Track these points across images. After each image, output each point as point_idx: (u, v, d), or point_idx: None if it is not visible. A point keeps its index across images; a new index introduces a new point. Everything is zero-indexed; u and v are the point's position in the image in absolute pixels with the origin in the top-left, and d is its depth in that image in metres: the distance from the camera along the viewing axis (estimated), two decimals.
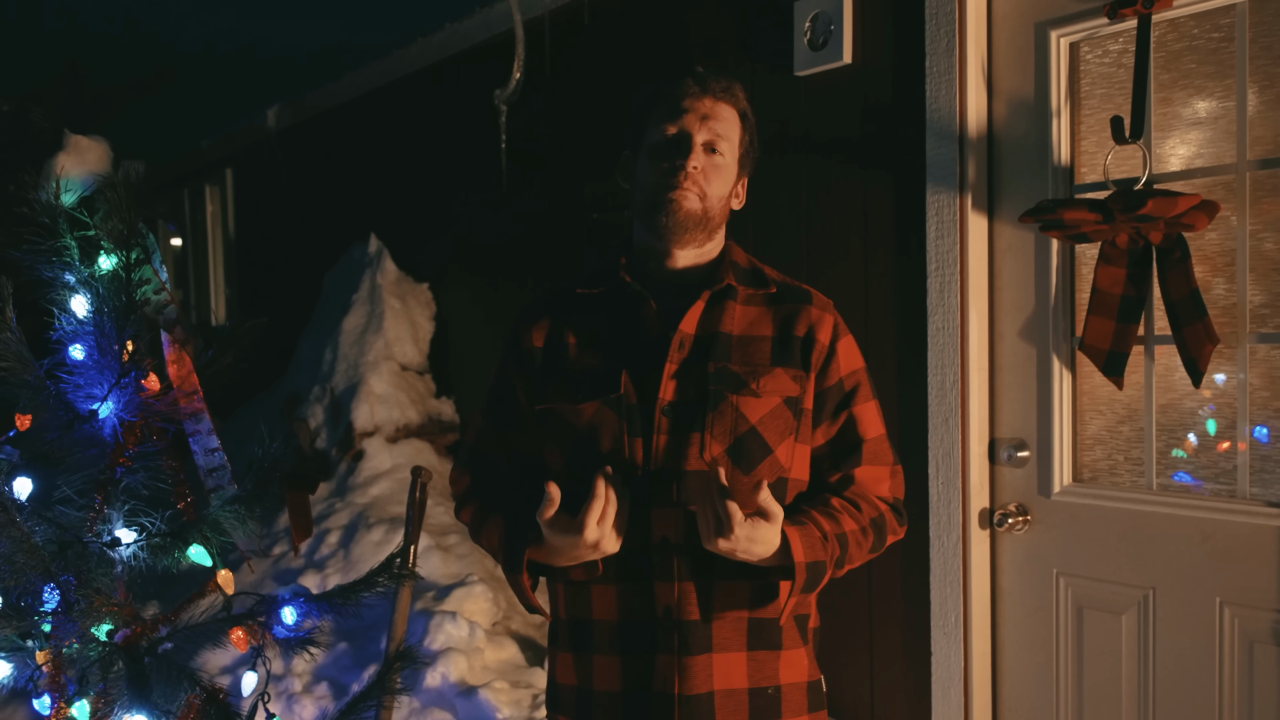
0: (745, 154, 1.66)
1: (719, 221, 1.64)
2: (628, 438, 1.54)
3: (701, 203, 1.59)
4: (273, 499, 2.03)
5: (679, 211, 1.58)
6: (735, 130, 1.63)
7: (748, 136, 1.66)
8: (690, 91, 1.61)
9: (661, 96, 1.63)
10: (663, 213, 1.58)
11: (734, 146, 1.63)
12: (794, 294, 1.66)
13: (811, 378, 1.61)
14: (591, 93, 3.78)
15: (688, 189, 1.58)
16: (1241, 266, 2.13)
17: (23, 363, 1.86)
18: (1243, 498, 2.15)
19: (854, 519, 1.59)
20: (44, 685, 1.92)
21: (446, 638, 3.44)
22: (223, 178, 7.00)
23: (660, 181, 1.59)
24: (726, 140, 1.61)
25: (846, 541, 1.56)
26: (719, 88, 1.62)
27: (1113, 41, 2.33)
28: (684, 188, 1.58)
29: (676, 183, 1.58)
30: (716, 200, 1.61)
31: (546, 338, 1.67)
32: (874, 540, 1.62)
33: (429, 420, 4.70)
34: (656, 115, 1.62)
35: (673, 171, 1.58)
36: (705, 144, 1.60)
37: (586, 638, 1.59)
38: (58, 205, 1.93)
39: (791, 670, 1.59)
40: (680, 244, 1.61)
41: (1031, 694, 2.51)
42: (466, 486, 1.75)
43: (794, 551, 1.47)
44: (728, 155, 1.62)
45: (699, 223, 1.60)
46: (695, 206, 1.59)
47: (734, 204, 1.68)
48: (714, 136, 1.60)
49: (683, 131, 1.59)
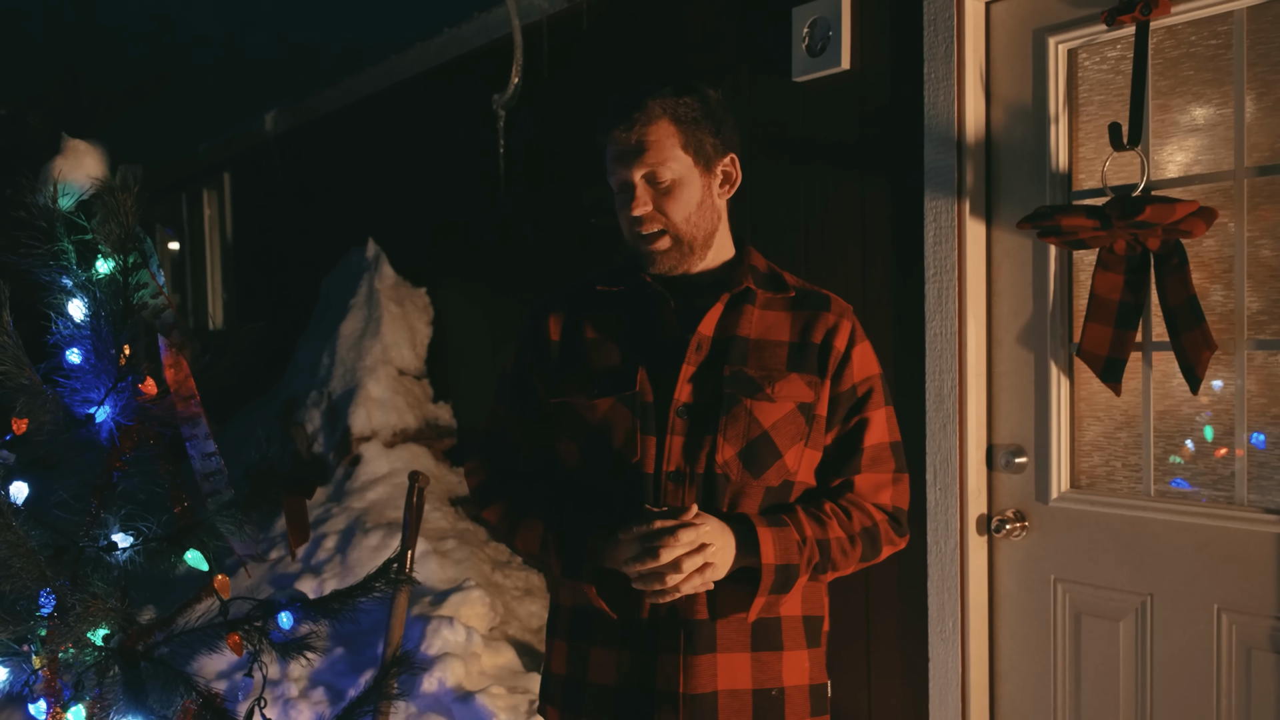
0: (702, 150, 1.63)
1: (706, 229, 1.64)
2: (640, 436, 1.55)
3: (670, 231, 1.61)
4: (269, 504, 2.03)
5: (657, 255, 1.62)
6: (671, 143, 1.60)
7: (696, 133, 1.61)
8: (614, 137, 1.61)
9: (601, 143, 1.65)
10: (647, 261, 1.63)
11: (678, 158, 1.60)
12: (813, 299, 1.66)
13: (826, 383, 1.61)
14: (590, 98, 3.78)
15: (649, 233, 1.61)
16: (1239, 273, 2.13)
17: (19, 366, 1.85)
18: (1240, 504, 2.15)
19: (842, 526, 1.59)
20: (40, 690, 1.91)
21: (443, 643, 3.43)
22: (220, 182, 7.00)
23: (629, 231, 1.64)
24: (666, 161, 1.59)
25: (829, 548, 1.57)
26: (642, 115, 1.59)
27: (1111, 48, 2.33)
28: (646, 235, 1.61)
29: (638, 233, 1.62)
30: (683, 220, 1.61)
31: (564, 330, 1.68)
32: (864, 549, 1.62)
33: (426, 425, 4.70)
34: (606, 166, 1.65)
35: (631, 222, 1.62)
36: (645, 178, 1.60)
37: (587, 628, 1.60)
38: (55, 209, 1.93)
39: (795, 672, 1.59)
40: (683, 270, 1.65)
41: (1029, 700, 2.50)
42: (486, 479, 1.75)
43: (763, 553, 1.50)
44: (674, 171, 1.60)
45: (680, 248, 1.62)
46: (665, 244, 1.62)
47: (723, 194, 1.68)
48: (650, 166, 1.59)
49: (621, 181, 1.62)
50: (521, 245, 4.22)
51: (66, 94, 7.70)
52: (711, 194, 1.65)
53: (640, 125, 1.59)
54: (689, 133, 1.61)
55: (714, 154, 1.64)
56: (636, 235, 1.62)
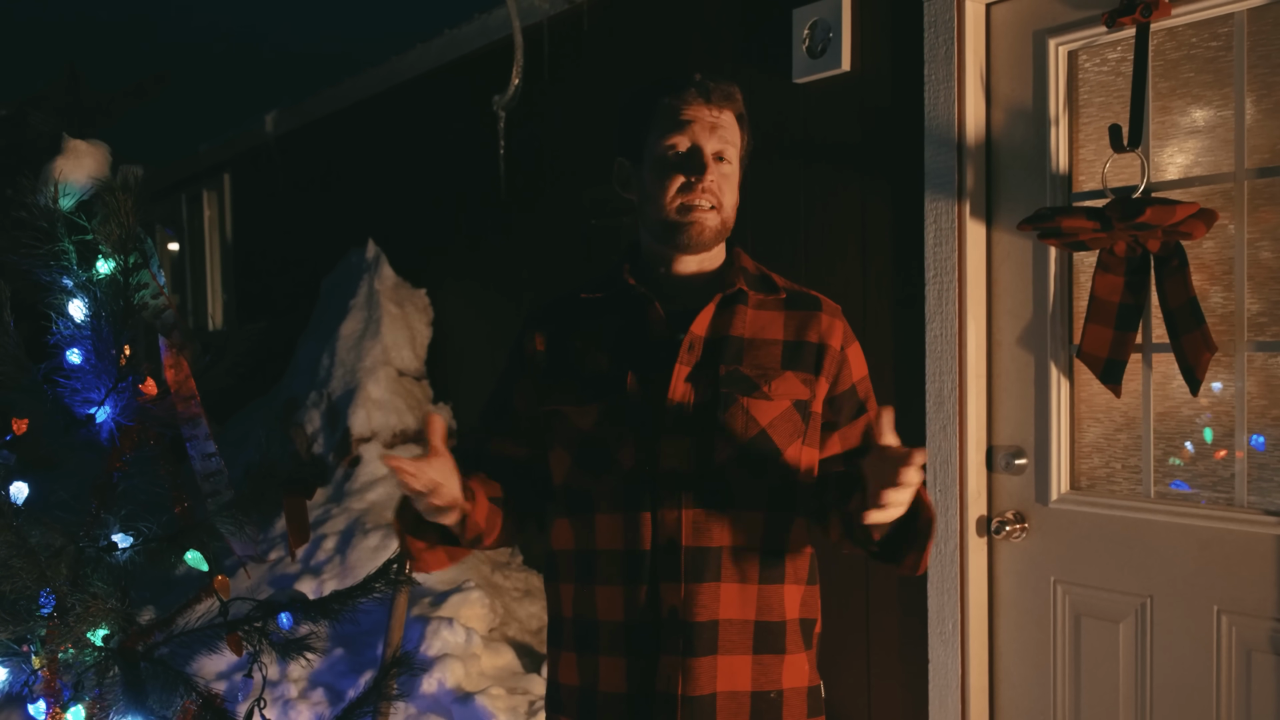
0: (745, 154, 1.66)
1: (731, 227, 1.64)
2: (634, 438, 1.55)
3: (719, 215, 1.59)
4: (269, 504, 2.03)
5: (703, 232, 1.58)
6: (738, 135, 1.62)
7: (747, 136, 1.65)
8: (694, 101, 1.59)
9: (663, 105, 1.60)
10: (684, 233, 1.58)
11: (738, 152, 1.62)
12: (803, 300, 1.67)
13: (822, 382, 1.61)
14: (590, 99, 3.78)
15: (707, 208, 1.57)
16: (1239, 275, 2.13)
17: (20, 367, 1.86)
18: (1240, 506, 2.15)
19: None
20: (39, 690, 1.91)
21: (443, 644, 3.43)
22: (220, 182, 7.00)
23: (676, 201, 1.58)
24: (732, 146, 1.60)
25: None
26: (721, 94, 1.60)
27: (1111, 50, 2.33)
28: (703, 208, 1.57)
29: (695, 203, 1.57)
30: (731, 209, 1.61)
31: (549, 342, 1.67)
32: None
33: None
34: (660, 126, 1.59)
35: (688, 189, 1.57)
36: (715, 154, 1.59)
37: (592, 638, 1.59)
38: (56, 210, 1.94)
39: (794, 675, 1.59)
40: (697, 255, 1.63)
41: (1029, 702, 2.50)
42: None
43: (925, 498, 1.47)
44: (734, 162, 1.61)
45: (718, 236, 1.61)
46: (715, 223, 1.59)
47: None
48: (722, 145, 1.59)
49: (694, 146, 1.57)
50: (522, 246, 4.22)
51: (67, 94, 7.70)
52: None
53: (722, 102, 1.59)
54: (745, 131, 1.64)
55: (746, 162, 1.66)
56: (687, 206, 1.57)
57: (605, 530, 1.56)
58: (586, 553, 1.59)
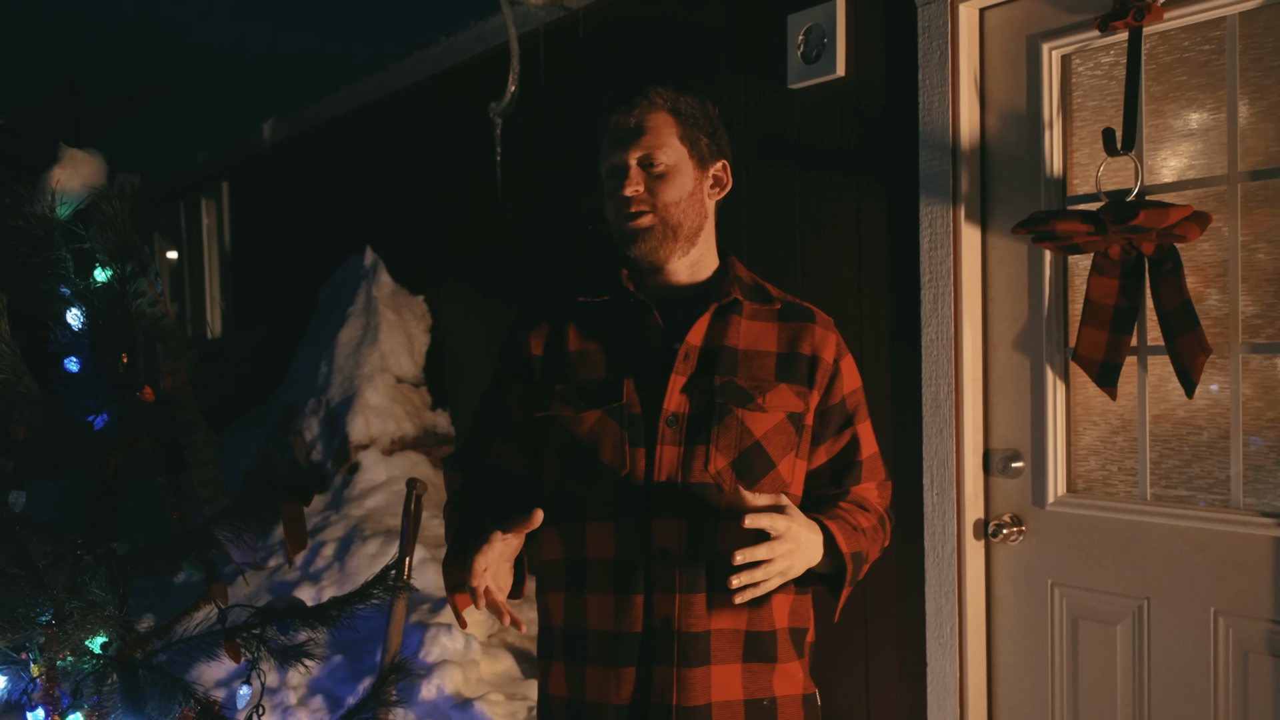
0: (697, 146, 1.64)
1: (694, 224, 1.63)
2: (629, 448, 1.55)
3: (657, 214, 1.60)
4: (267, 511, 2.03)
5: (640, 234, 1.60)
6: (670, 132, 1.61)
7: (693, 129, 1.63)
8: (613, 122, 1.62)
9: (602, 127, 1.65)
10: (630, 242, 1.61)
11: (675, 148, 1.61)
12: (797, 311, 1.67)
13: (815, 395, 1.62)
14: (587, 105, 3.79)
15: (636, 212, 1.60)
16: (1234, 277, 2.14)
17: (18, 375, 1.86)
18: (1236, 508, 2.15)
19: (865, 517, 1.64)
20: (38, 698, 1.91)
21: (442, 650, 3.43)
22: (218, 191, 7.01)
23: (616, 214, 1.63)
24: (663, 147, 1.60)
25: (868, 535, 1.62)
26: (639, 100, 1.62)
27: (1104, 54, 2.34)
28: (633, 213, 1.60)
29: (626, 212, 1.61)
30: (674, 206, 1.61)
31: (546, 345, 1.67)
32: (883, 538, 1.68)
33: (424, 432, 4.70)
34: (602, 148, 1.65)
35: (619, 203, 1.61)
36: (640, 160, 1.60)
37: (581, 648, 1.59)
38: (53, 219, 1.94)
39: (786, 683, 1.60)
40: (663, 259, 1.62)
41: (1027, 705, 2.51)
42: (459, 489, 1.76)
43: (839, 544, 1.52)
44: (670, 159, 1.61)
45: (666, 233, 1.61)
46: (651, 222, 1.60)
47: (714, 195, 1.68)
48: (647, 149, 1.60)
49: (616, 161, 1.61)
50: (519, 252, 4.22)
51: (65, 103, 7.70)
52: (702, 190, 1.65)
53: (641, 110, 1.61)
54: (686, 126, 1.63)
55: (708, 154, 1.65)
56: (623, 216, 1.61)
57: (596, 539, 1.56)
58: (577, 562, 1.58)
